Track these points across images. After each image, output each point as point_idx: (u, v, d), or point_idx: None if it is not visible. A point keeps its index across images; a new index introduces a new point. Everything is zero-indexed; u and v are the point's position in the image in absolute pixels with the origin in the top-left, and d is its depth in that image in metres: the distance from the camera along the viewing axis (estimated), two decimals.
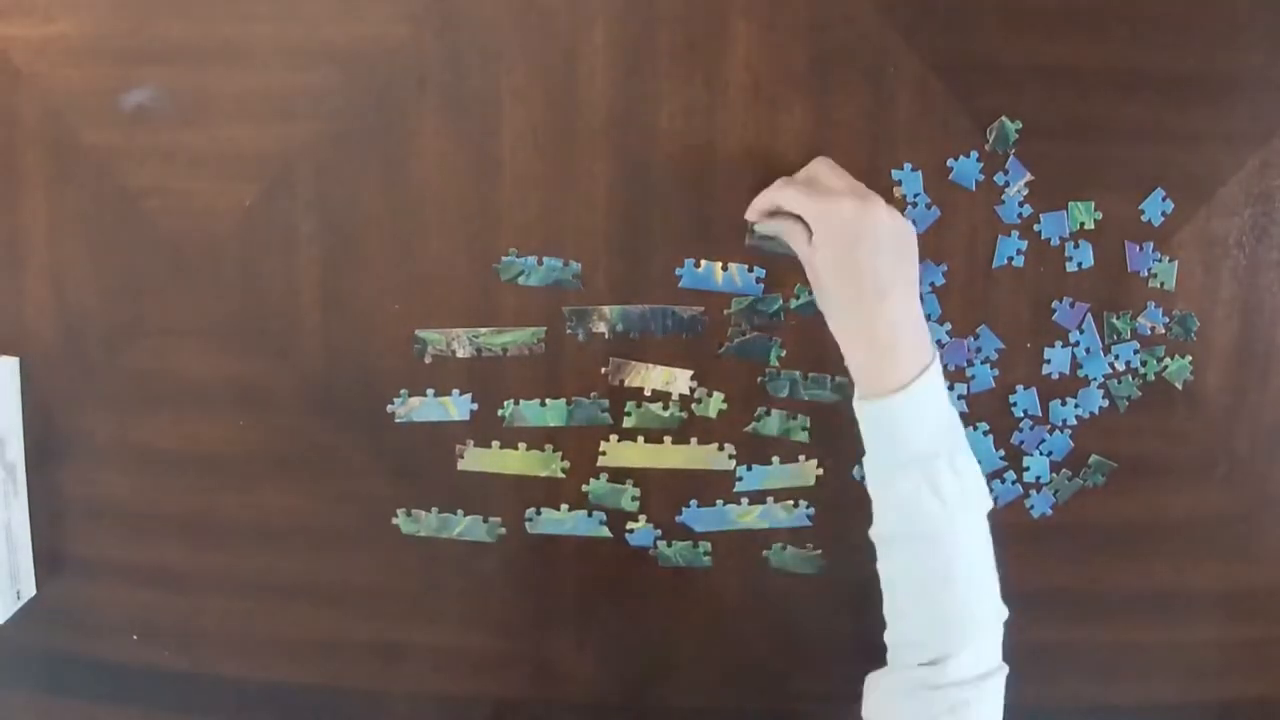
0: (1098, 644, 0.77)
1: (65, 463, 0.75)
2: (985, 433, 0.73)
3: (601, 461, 0.73)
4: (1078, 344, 0.73)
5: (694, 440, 0.73)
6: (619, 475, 0.74)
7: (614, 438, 0.73)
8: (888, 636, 0.64)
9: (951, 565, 0.61)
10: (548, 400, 0.73)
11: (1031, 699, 0.77)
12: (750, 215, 0.68)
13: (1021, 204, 0.71)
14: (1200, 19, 0.69)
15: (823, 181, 0.64)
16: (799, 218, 0.64)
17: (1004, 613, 0.64)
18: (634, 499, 0.73)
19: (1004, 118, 0.69)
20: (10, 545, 0.73)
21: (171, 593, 0.77)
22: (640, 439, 0.73)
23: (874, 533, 0.65)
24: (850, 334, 0.63)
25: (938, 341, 0.72)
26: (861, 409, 0.63)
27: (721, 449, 0.73)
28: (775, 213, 0.66)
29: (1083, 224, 0.71)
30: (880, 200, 0.63)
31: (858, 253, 0.61)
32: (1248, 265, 0.72)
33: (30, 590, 0.75)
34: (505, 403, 0.73)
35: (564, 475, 0.73)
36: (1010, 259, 0.71)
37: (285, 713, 0.78)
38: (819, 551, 0.75)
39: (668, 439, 0.73)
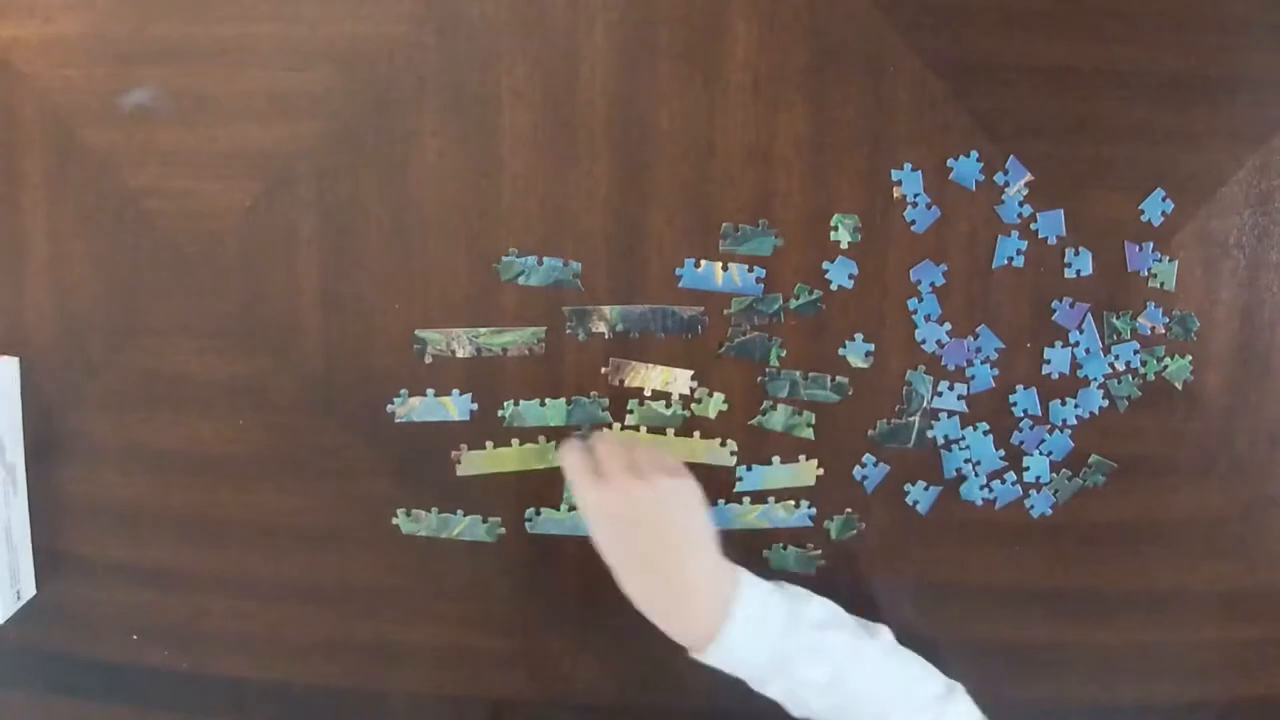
0: (1098, 644, 0.77)
1: (65, 463, 0.75)
2: (985, 432, 0.73)
3: None
4: (1077, 344, 0.72)
5: (696, 434, 0.73)
6: None
7: (616, 427, 0.73)
8: None
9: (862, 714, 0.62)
10: (547, 400, 0.73)
11: (1032, 699, 0.78)
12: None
13: (1021, 204, 0.71)
14: (1200, 19, 0.69)
15: (600, 456, 0.64)
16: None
17: (948, 692, 0.63)
18: None
19: None
20: (10, 545, 0.73)
21: (171, 593, 0.77)
22: (643, 429, 0.73)
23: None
24: (644, 606, 0.62)
25: (938, 342, 0.72)
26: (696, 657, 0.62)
27: (724, 444, 0.73)
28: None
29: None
30: (643, 477, 0.62)
31: (625, 536, 0.62)
32: (1248, 265, 0.72)
33: (30, 590, 0.75)
34: (505, 403, 0.73)
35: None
36: (1010, 259, 0.71)
37: (285, 713, 0.78)
38: (818, 551, 0.75)
39: (670, 431, 0.73)
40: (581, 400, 0.73)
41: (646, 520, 0.61)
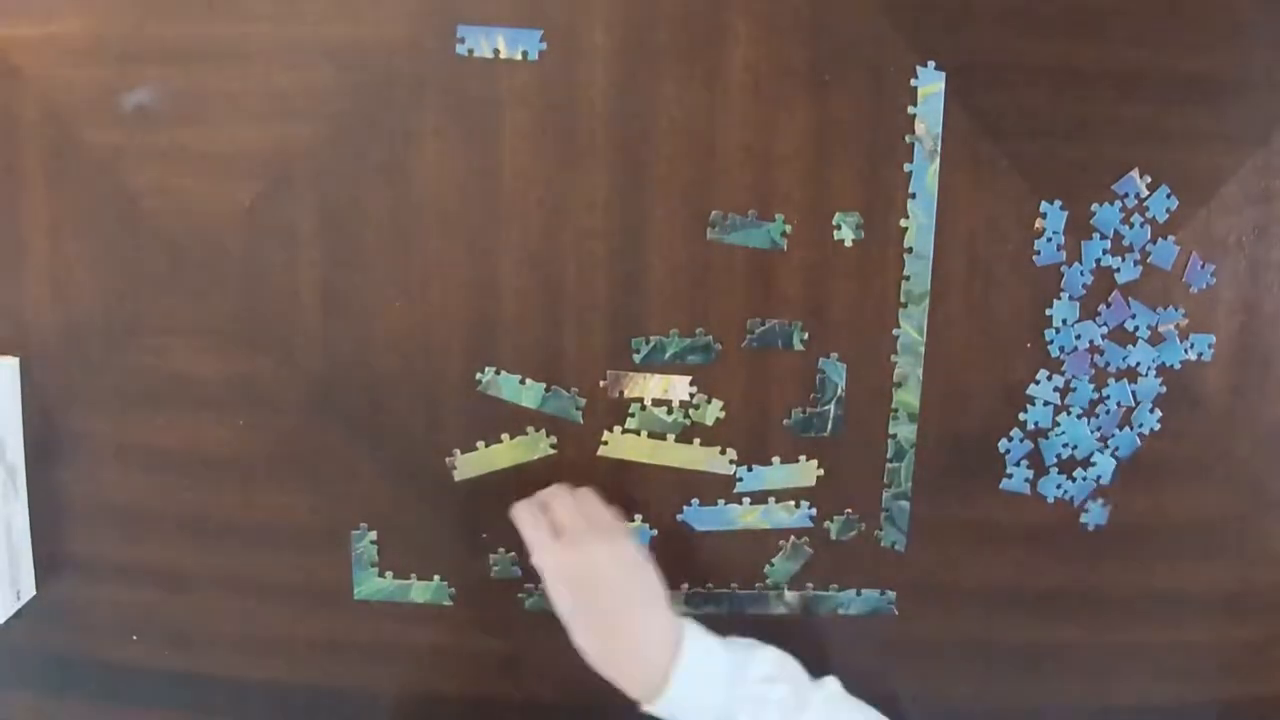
0: (1098, 644, 0.77)
1: (65, 463, 0.75)
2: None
3: (603, 451, 0.73)
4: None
5: (696, 441, 0.73)
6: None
7: (617, 429, 0.73)
8: None
9: None
10: (528, 380, 0.73)
11: (1031, 699, 0.78)
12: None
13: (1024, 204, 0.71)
14: (1200, 19, 0.69)
15: (555, 515, 0.65)
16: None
17: None
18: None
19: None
20: (10, 545, 0.73)
21: (171, 593, 0.77)
22: (644, 434, 0.73)
23: None
24: (597, 660, 0.63)
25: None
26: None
27: (723, 453, 0.73)
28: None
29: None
30: (599, 537, 0.64)
31: (582, 595, 0.63)
32: (1248, 265, 0.72)
33: (30, 590, 0.75)
34: (486, 368, 0.72)
35: (554, 451, 0.73)
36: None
37: (285, 713, 0.78)
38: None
39: (670, 436, 0.73)
40: (559, 391, 0.73)
41: (604, 579, 0.63)
